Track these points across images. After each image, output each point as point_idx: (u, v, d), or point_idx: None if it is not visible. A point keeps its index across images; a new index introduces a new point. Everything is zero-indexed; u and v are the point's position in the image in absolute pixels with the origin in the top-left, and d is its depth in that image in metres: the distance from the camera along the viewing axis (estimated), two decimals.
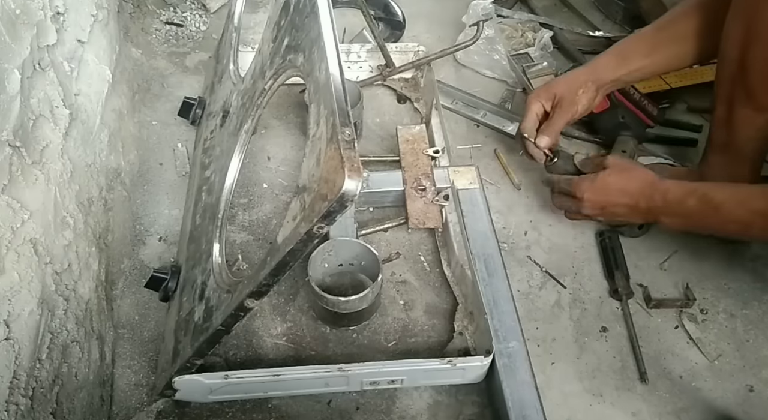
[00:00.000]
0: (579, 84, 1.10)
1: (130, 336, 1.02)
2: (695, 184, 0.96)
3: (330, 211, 0.63)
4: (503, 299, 0.98)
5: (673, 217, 0.95)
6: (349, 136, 0.65)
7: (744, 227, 0.89)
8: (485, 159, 1.28)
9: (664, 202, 0.94)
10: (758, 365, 1.02)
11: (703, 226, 0.96)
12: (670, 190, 0.95)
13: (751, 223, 0.87)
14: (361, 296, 0.93)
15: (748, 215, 0.88)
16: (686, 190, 0.93)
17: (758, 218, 0.87)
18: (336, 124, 0.66)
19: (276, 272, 0.72)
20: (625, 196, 0.99)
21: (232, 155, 0.99)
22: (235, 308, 0.77)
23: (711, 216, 0.91)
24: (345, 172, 0.61)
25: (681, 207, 0.93)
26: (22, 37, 0.78)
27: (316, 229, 0.66)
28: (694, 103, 1.39)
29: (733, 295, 1.10)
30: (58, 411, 0.78)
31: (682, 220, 0.95)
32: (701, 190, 0.92)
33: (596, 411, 0.97)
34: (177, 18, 1.51)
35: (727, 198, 0.90)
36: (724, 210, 0.90)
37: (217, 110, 1.16)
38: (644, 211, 0.98)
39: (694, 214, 0.93)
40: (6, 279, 0.69)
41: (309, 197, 0.69)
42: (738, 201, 0.89)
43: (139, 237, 1.13)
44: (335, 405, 0.95)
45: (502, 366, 0.91)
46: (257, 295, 0.75)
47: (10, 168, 0.73)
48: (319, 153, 0.69)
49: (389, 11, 1.51)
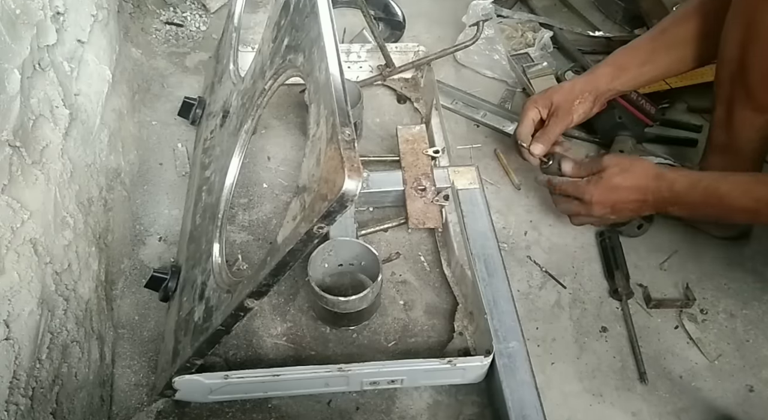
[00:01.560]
0: (576, 94, 1.10)
1: (130, 336, 1.02)
2: (699, 175, 0.97)
3: (330, 211, 0.63)
4: (503, 299, 0.98)
5: (681, 207, 0.96)
6: (349, 136, 0.65)
7: (752, 215, 0.91)
8: (485, 159, 1.28)
9: (671, 192, 0.95)
10: (758, 365, 1.02)
11: (711, 214, 0.98)
12: (676, 181, 0.95)
13: (758, 210, 0.89)
14: (361, 296, 0.93)
15: (753, 204, 0.89)
16: (691, 181, 0.94)
17: (763, 206, 0.88)
18: (336, 124, 0.66)
19: (276, 272, 0.72)
20: (634, 192, 0.99)
21: (232, 155, 0.99)
22: (235, 308, 0.77)
23: (717, 206, 0.92)
24: (345, 172, 0.61)
25: (688, 197, 0.94)
26: (22, 37, 0.78)
27: (316, 229, 0.66)
28: (694, 103, 1.39)
29: (733, 295, 1.10)
30: (58, 411, 0.78)
31: (689, 210, 0.97)
32: (705, 181, 0.93)
33: (596, 411, 0.97)
34: (177, 18, 1.51)
35: (731, 188, 0.91)
36: (729, 200, 0.91)
37: (217, 110, 1.16)
38: (653, 204, 0.98)
39: (700, 205, 0.94)
40: (6, 279, 0.69)
41: (309, 197, 0.69)
42: (742, 191, 0.90)
43: (139, 237, 1.13)
44: (335, 405, 0.95)
45: (502, 366, 0.91)
46: (257, 295, 0.75)
47: (10, 168, 0.73)
48: (319, 153, 0.69)
49: (389, 11, 1.51)
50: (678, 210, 0.98)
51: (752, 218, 0.95)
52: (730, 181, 0.92)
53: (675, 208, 0.97)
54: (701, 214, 1.00)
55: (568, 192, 1.06)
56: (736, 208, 0.91)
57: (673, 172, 0.98)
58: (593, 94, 1.11)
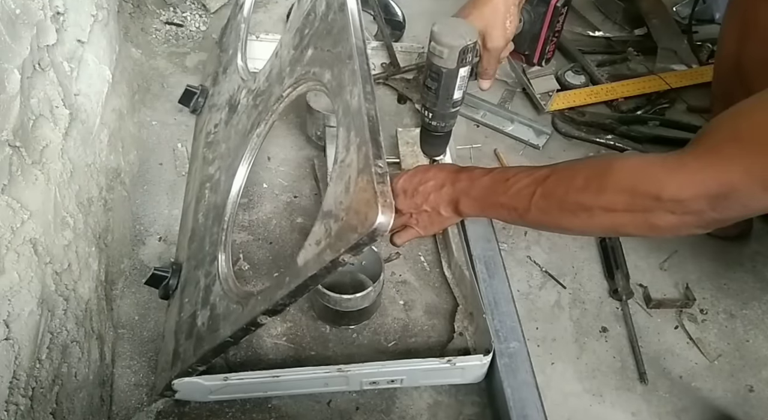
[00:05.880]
0: (503, 12, 0.93)
1: (130, 336, 1.02)
2: (504, 166, 0.89)
3: (359, 244, 0.64)
4: (503, 300, 0.98)
5: (473, 198, 0.88)
6: (382, 169, 0.65)
7: (527, 199, 0.81)
8: (485, 159, 1.28)
9: (469, 180, 0.88)
10: (758, 365, 1.02)
11: (494, 203, 0.86)
12: (476, 170, 0.90)
13: (533, 192, 0.80)
14: (363, 294, 0.93)
15: (531, 183, 0.81)
16: (489, 170, 0.88)
17: (539, 187, 0.80)
18: (369, 156, 0.66)
19: (294, 294, 0.72)
20: (435, 176, 0.92)
21: (242, 159, 0.98)
22: (248, 323, 0.77)
23: (501, 191, 0.84)
24: (378, 207, 0.61)
25: (480, 183, 0.87)
26: (22, 37, 0.78)
27: (342, 259, 0.66)
28: (694, 103, 1.39)
29: (733, 295, 1.10)
30: (58, 411, 0.78)
31: (478, 203, 0.88)
32: (501, 169, 0.87)
33: (596, 411, 0.97)
34: (177, 18, 1.51)
35: (518, 171, 0.84)
36: (510, 181, 0.83)
37: (222, 103, 1.15)
38: (449, 192, 0.90)
39: (487, 191, 0.86)
40: (6, 279, 0.69)
41: (335, 225, 0.68)
42: (527, 172, 0.83)
43: (138, 237, 1.13)
44: (335, 405, 0.95)
45: (502, 366, 0.91)
46: (272, 313, 0.75)
47: (10, 168, 0.72)
48: (348, 180, 0.68)
49: (389, 11, 1.51)
50: (469, 203, 0.89)
51: (527, 201, 0.81)
52: (521, 167, 0.86)
53: (467, 201, 0.89)
54: (487, 205, 0.87)
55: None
56: (516, 192, 0.82)
57: (478, 167, 0.92)
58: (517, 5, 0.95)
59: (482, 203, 0.88)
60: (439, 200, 0.91)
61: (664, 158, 0.70)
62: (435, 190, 0.91)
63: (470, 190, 0.88)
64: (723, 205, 0.67)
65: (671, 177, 0.69)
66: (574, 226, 0.81)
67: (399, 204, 0.94)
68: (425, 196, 0.92)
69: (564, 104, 1.38)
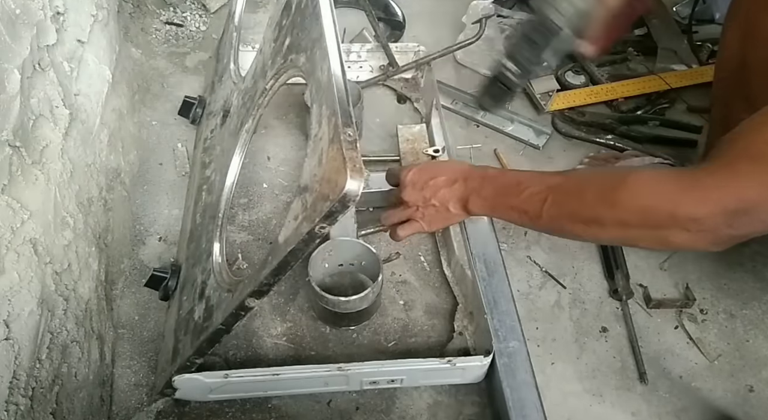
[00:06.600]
0: None
1: (130, 336, 1.02)
2: (516, 169, 0.90)
3: (332, 211, 0.64)
4: (503, 299, 0.98)
5: (484, 198, 0.89)
6: (351, 136, 0.65)
7: (539, 203, 0.82)
8: (485, 159, 1.28)
9: (482, 178, 0.90)
10: (758, 365, 1.02)
11: (505, 205, 0.88)
12: (489, 170, 0.91)
13: (545, 198, 0.82)
14: (361, 296, 0.93)
15: (544, 189, 0.82)
16: (502, 171, 0.89)
17: (551, 194, 0.81)
18: (338, 125, 0.66)
19: (277, 272, 0.72)
20: (448, 170, 0.93)
21: (233, 155, 0.99)
22: (236, 307, 0.77)
23: (513, 194, 0.85)
24: (347, 172, 0.61)
25: (492, 183, 0.88)
26: (22, 37, 0.78)
27: (318, 229, 0.66)
28: (694, 103, 1.39)
29: (733, 295, 1.10)
30: (58, 411, 0.78)
31: (488, 202, 0.89)
32: (514, 171, 0.88)
33: (596, 411, 0.97)
34: (177, 18, 1.51)
35: (530, 176, 0.86)
36: (523, 185, 0.84)
37: (218, 110, 1.16)
38: (462, 189, 0.91)
39: (499, 192, 0.87)
40: (6, 279, 0.69)
41: (311, 197, 0.69)
42: (539, 177, 0.85)
43: (138, 237, 1.13)
44: (335, 405, 0.95)
45: (502, 366, 0.91)
46: (258, 295, 0.75)
47: (10, 168, 0.73)
48: (321, 153, 0.69)
49: (389, 11, 1.51)
50: (479, 203, 0.90)
51: (539, 207, 0.82)
52: (534, 172, 0.87)
53: (477, 200, 0.90)
54: (498, 206, 0.89)
55: (390, 201, 1.00)
56: (527, 196, 0.83)
57: (490, 167, 0.93)
58: None
59: (493, 203, 0.89)
60: (450, 196, 0.92)
61: (678, 175, 0.70)
62: (446, 185, 0.92)
63: (482, 190, 0.89)
64: (741, 221, 0.67)
65: (686, 195, 0.69)
66: (585, 235, 0.82)
67: (407, 196, 0.95)
68: (435, 191, 0.92)
69: (564, 104, 1.37)
